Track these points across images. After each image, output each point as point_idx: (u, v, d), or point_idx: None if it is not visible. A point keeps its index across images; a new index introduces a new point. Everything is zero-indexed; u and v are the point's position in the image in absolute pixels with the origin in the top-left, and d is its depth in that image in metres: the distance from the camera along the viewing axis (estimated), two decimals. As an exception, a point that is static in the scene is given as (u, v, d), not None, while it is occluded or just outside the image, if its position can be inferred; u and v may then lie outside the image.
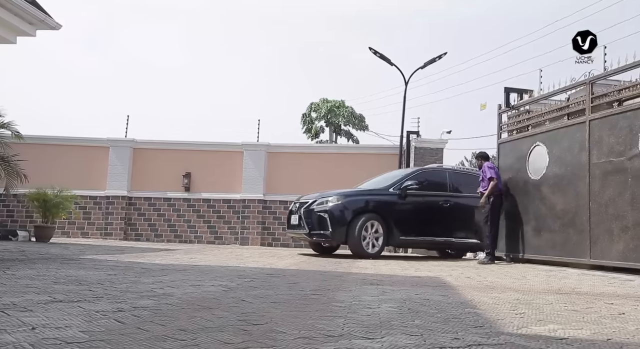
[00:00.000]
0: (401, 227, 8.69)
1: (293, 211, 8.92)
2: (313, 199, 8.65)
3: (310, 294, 3.59)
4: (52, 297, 2.89)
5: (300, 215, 8.59)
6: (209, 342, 1.94)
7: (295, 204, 8.98)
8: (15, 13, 9.03)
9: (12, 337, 1.87)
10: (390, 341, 2.09)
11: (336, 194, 8.63)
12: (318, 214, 8.36)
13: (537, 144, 7.87)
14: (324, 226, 8.29)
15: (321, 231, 8.33)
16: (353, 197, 8.62)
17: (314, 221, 8.38)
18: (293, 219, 8.81)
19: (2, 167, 5.28)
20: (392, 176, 9.60)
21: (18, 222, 12.94)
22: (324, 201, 8.47)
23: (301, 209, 8.60)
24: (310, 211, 8.47)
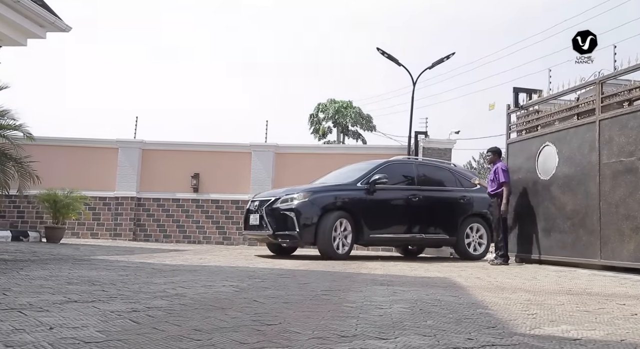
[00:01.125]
0: (370, 225, 8.06)
1: (252, 210, 8.11)
2: (276, 196, 7.89)
3: (322, 295, 3.60)
4: (67, 297, 2.92)
5: (261, 214, 7.80)
6: (225, 342, 1.96)
7: (254, 203, 8.17)
8: (26, 16, 9.11)
9: (30, 337, 1.89)
10: (404, 342, 2.09)
11: (303, 190, 7.88)
12: (283, 213, 7.62)
13: (547, 144, 7.84)
14: (290, 225, 7.55)
15: (287, 232, 7.60)
16: (321, 194, 7.86)
17: (278, 220, 7.65)
18: (252, 219, 7.98)
19: (15, 168, 5.32)
20: (358, 169, 8.82)
21: (28, 223, 13.03)
22: (289, 198, 7.71)
23: (262, 208, 7.83)
24: (273, 209, 7.72)
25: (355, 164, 9.53)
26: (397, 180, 8.59)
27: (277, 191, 8.38)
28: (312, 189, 7.98)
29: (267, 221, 7.70)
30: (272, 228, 7.65)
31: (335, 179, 8.78)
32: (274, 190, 8.66)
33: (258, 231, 7.91)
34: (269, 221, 7.69)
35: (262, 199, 8.04)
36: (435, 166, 9.45)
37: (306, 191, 7.81)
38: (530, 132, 8.41)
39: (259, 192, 8.82)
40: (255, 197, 8.45)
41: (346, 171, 9.12)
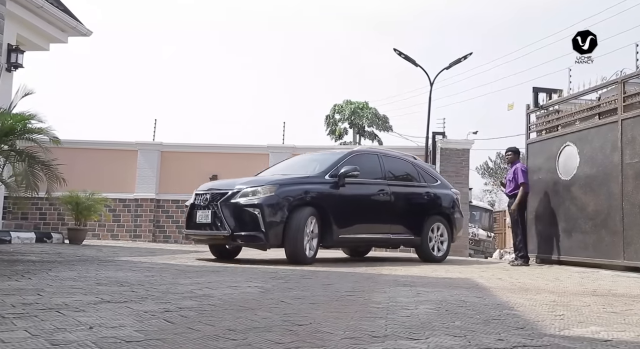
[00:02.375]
0: (340, 223, 6.90)
1: (200, 205, 6.65)
2: (233, 189, 6.49)
3: (347, 296, 3.63)
4: (100, 298, 2.99)
5: (214, 211, 6.41)
6: (260, 342, 2.00)
7: (203, 196, 6.68)
8: (49, 21, 9.31)
9: (73, 336, 1.95)
10: (435, 342, 2.12)
11: (268, 182, 6.58)
12: (245, 209, 6.29)
13: (567, 144, 7.80)
14: (253, 225, 6.23)
15: (250, 232, 6.26)
16: (289, 187, 6.58)
17: (239, 218, 6.30)
18: (201, 216, 6.57)
19: (43, 172, 5.42)
20: (317, 160, 7.74)
21: (50, 225, 13.23)
22: (252, 191, 6.40)
23: (217, 203, 6.42)
24: (232, 205, 6.35)
25: (311, 154, 8.61)
26: (364, 173, 7.36)
27: (231, 181, 6.95)
28: (278, 181, 6.67)
29: (224, 219, 6.30)
30: (230, 228, 6.26)
31: (290, 170, 7.57)
32: (226, 180, 7.30)
33: (209, 230, 6.47)
34: (225, 219, 6.29)
35: (216, 192, 6.57)
36: (399, 158, 8.42)
37: (272, 184, 6.51)
38: (550, 132, 8.36)
39: (207, 183, 7.44)
40: (202, 189, 6.97)
41: (301, 161, 8.14)
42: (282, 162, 8.54)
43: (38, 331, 2.00)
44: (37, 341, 1.85)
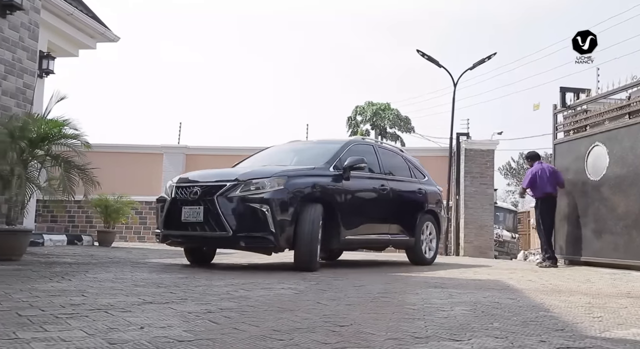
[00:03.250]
0: (346, 223, 6.00)
1: (185, 199, 5.46)
2: (232, 180, 5.40)
3: (380, 297, 3.66)
4: (142, 299, 3.06)
5: (208, 207, 5.31)
6: (307, 342, 2.04)
7: (191, 189, 5.49)
8: (78, 28, 9.51)
9: (127, 336, 2.02)
10: (478, 343, 2.14)
11: (276, 174, 5.51)
12: (251, 205, 5.25)
13: (596, 144, 7.73)
14: (261, 224, 5.22)
15: (257, 233, 5.25)
16: (299, 180, 5.61)
17: (243, 216, 5.26)
18: (188, 214, 5.39)
19: (79, 176, 5.56)
20: (318, 149, 6.84)
21: (79, 228, 13.50)
22: (257, 183, 5.35)
23: (212, 197, 5.31)
24: (233, 200, 5.29)
25: (296, 142, 7.65)
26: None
27: (224, 172, 5.91)
28: (286, 172, 5.62)
29: (223, 217, 5.23)
30: (232, 228, 5.20)
31: (278, 160, 6.64)
32: (213, 171, 6.14)
33: (201, 231, 5.35)
34: (225, 217, 5.23)
35: (208, 185, 5.46)
36: (391, 151, 7.74)
37: (280, 175, 5.48)
38: (578, 132, 8.28)
39: (192, 173, 6.45)
40: (183, 181, 5.79)
41: (289, 150, 7.13)
42: (265, 151, 7.30)
43: (93, 331, 2.07)
44: (95, 340, 1.92)
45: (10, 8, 5.73)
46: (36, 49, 6.30)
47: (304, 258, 5.50)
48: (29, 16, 6.09)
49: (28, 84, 6.11)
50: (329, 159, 6.25)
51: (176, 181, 5.82)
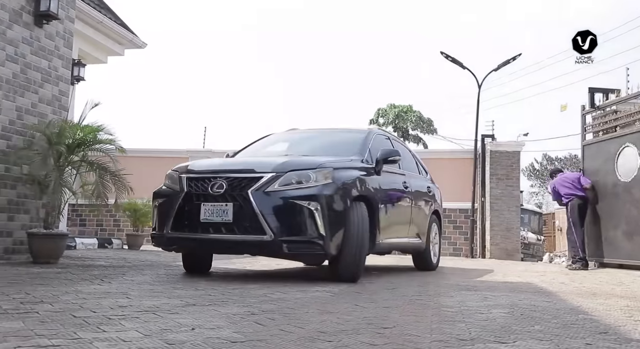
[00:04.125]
0: (383, 224, 5.22)
1: (206, 193, 4.47)
2: (267, 172, 4.47)
3: (416, 300, 3.68)
4: (184, 301, 3.13)
5: (239, 203, 4.34)
6: (355, 343, 2.08)
7: (212, 181, 4.50)
8: (107, 35, 9.70)
9: (182, 336, 2.08)
10: (524, 346, 2.15)
11: (321, 164, 4.63)
12: (296, 203, 4.33)
13: (627, 145, 7.67)
14: (309, 226, 4.31)
15: (304, 237, 4.32)
16: (344, 173, 4.75)
17: (284, 216, 4.33)
18: (211, 212, 4.41)
19: (112, 181, 5.68)
20: (340, 138, 6.00)
21: (107, 231, 13.74)
22: (300, 176, 4.46)
23: (244, 192, 4.35)
24: (272, 195, 4.35)
25: (318, 130, 6.58)
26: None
27: (254, 161, 5.04)
28: (330, 163, 4.75)
29: (261, 216, 4.27)
30: (273, 230, 4.26)
31: (296, 149, 5.74)
32: (239, 160, 5.38)
33: (227, 234, 4.39)
34: (265, 216, 4.27)
35: (237, 176, 4.49)
36: (401, 144, 6.96)
37: (325, 166, 4.62)
38: (607, 133, 8.20)
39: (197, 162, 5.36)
40: (197, 169, 4.81)
41: (300, 139, 6.22)
42: (265, 139, 6.30)
43: (147, 332, 2.14)
44: (152, 340, 1.98)
45: (47, 18, 5.89)
46: (70, 57, 6.45)
47: (351, 268, 4.60)
48: (64, 25, 6.25)
49: (63, 92, 6.27)
50: (358, 149, 5.41)
51: (186, 171, 4.74)
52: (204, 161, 5.68)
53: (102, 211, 5.69)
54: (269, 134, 6.43)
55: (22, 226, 5.74)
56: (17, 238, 5.68)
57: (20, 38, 5.67)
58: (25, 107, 5.75)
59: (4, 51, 5.48)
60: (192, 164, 5.03)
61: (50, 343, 1.86)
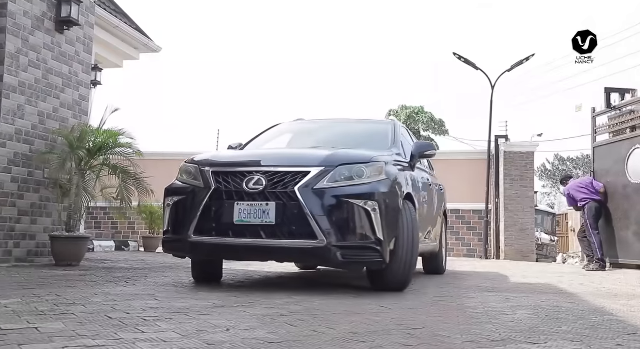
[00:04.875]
0: (421, 224, 4.71)
1: (240, 190, 3.83)
2: (315, 166, 3.88)
3: (438, 301, 3.70)
4: (212, 302, 3.18)
5: (283, 202, 3.74)
6: (389, 344, 2.11)
7: (247, 176, 3.87)
8: (123, 39, 9.81)
9: (219, 337, 2.12)
10: (556, 346, 2.17)
11: (372, 158, 4.08)
12: (351, 202, 3.75)
13: (637, 147, 7.86)
14: (365, 229, 3.75)
15: (360, 242, 3.75)
16: (392, 168, 4.20)
17: (338, 217, 3.74)
18: (246, 212, 3.76)
19: (134, 185, 5.76)
20: (359, 129, 5.56)
21: (122, 234, 13.86)
22: (355, 171, 3.89)
23: (295, 189, 3.75)
24: (322, 192, 3.76)
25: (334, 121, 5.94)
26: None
27: (298, 153, 4.44)
28: (385, 157, 4.25)
29: (312, 217, 3.69)
30: (324, 233, 3.68)
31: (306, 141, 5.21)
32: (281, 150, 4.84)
33: (269, 239, 3.76)
34: (315, 218, 3.69)
35: (280, 170, 3.87)
36: (411, 137, 6.09)
37: (377, 160, 4.09)
38: (618, 135, 8.32)
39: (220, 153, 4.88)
40: (224, 161, 4.33)
41: (316, 129, 5.65)
42: (274, 129, 5.63)
43: (184, 332, 2.19)
44: (192, 341, 2.03)
45: (68, 24, 5.98)
46: (90, 62, 6.55)
47: (401, 277, 4.07)
48: (84, 31, 6.34)
49: (83, 96, 6.36)
50: (389, 142, 4.89)
51: (210, 163, 4.13)
52: (229, 152, 4.93)
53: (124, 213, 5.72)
54: (276, 124, 5.78)
55: (44, 229, 5.83)
56: (39, 241, 5.77)
57: (42, 44, 5.76)
58: (47, 112, 5.84)
59: (26, 57, 5.57)
60: (215, 156, 4.46)
61: (95, 343, 1.91)
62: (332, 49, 74.27)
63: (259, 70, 76.17)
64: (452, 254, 11.33)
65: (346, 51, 72.44)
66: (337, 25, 76.54)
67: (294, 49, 76.40)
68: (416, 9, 72.23)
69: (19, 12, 5.48)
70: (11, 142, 5.43)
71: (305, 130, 5.66)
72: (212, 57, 76.74)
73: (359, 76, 70.01)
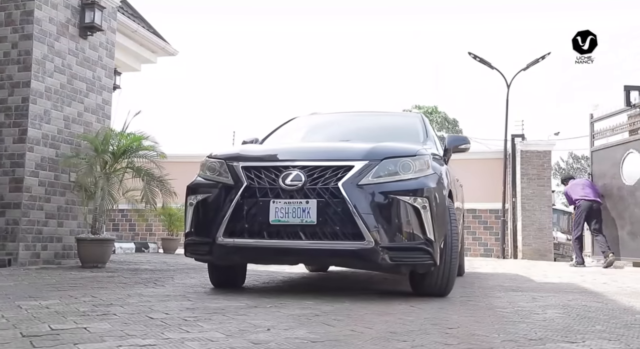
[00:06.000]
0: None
1: (275, 186, 3.54)
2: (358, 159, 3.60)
3: (466, 301, 3.72)
4: (244, 303, 3.23)
5: (325, 200, 3.44)
6: (429, 343, 2.14)
7: (283, 171, 3.57)
8: (141, 43, 9.91)
9: (262, 336, 2.17)
10: (595, 345, 2.19)
11: (418, 151, 3.80)
12: (398, 199, 3.48)
13: (631, 151, 8.57)
14: (415, 229, 3.48)
15: (409, 243, 3.48)
16: (435, 162, 3.91)
17: (386, 215, 3.46)
18: (283, 211, 3.48)
19: (158, 187, 5.84)
20: (384, 122, 5.33)
21: (139, 235, 14.00)
22: (401, 165, 3.62)
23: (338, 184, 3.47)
24: (368, 189, 3.49)
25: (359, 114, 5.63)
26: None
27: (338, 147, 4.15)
28: (425, 150, 3.93)
29: (359, 216, 3.40)
30: (373, 235, 3.40)
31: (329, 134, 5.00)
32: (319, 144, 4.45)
33: (309, 240, 3.46)
34: (362, 216, 3.40)
35: (319, 164, 3.58)
36: None
37: (422, 154, 3.79)
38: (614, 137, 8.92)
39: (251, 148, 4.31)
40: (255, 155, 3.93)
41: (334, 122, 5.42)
42: (290, 123, 5.32)
43: (227, 332, 2.23)
44: (237, 340, 2.08)
45: (92, 29, 6.07)
46: (113, 66, 6.64)
47: (444, 280, 3.77)
48: (106, 36, 6.44)
49: (106, 100, 6.45)
50: (421, 136, 4.62)
51: (239, 157, 3.81)
52: (257, 146, 4.55)
53: (147, 215, 5.79)
54: (293, 118, 5.47)
55: (70, 231, 5.93)
56: (66, 243, 5.87)
57: (66, 50, 5.86)
58: (72, 117, 5.94)
59: (52, 63, 5.67)
60: (243, 150, 4.08)
61: (146, 343, 1.96)
62: (343, 50, 74.30)
63: (270, 71, 76.48)
64: (469, 253, 11.31)
65: (357, 51, 72.46)
66: (349, 25, 76.56)
67: (306, 49, 76.56)
68: (429, 8, 72.07)
69: (45, 18, 5.58)
70: (38, 147, 5.53)
71: (327, 123, 5.42)
72: (225, 58, 77.22)
73: (370, 76, 70.01)
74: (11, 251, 5.34)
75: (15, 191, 5.38)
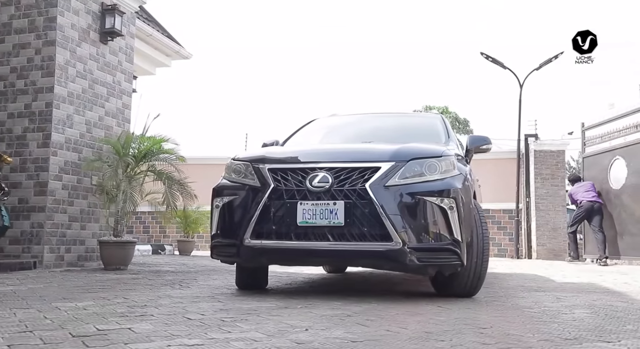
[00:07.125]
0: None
1: (302, 188, 3.56)
2: (385, 160, 3.63)
3: (492, 301, 3.74)
4: (274, 303, 3.28)
5: (352, 201, 3.45)
6: (467, 343, 2.18)
7: (310, 173, 3.59)
8: (156, 47, 10.00)
9: (302, 336, 2.21)
10: (632, 345, 2.21)
11: (443, 152, 3.83)
12: (425, 199, 3.50)
13: (617, 157, 9.13)
14: (442, 230, 3.51)
15: (437, 243, 3.51)
16: (460, 163, 3.97)
17: (413, 216, 3.49)
18: (311, 212, 3.48)
19: (179, 191, 5.91)
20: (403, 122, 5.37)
21: (153, 237, 14.10)
22: (427, 166, 3.64)
23: (365, 186, 3.49)
24: (395, 190, 3.51)
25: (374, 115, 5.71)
26: None
27: (363, 148, 4.17)
28: (449, 150, 3.97)
29: (386, 217, 3.41)
30: (401, 236, 3.41)
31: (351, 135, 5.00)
32: (344, 146, 4.45)
33: (337, 241, 3.47)
34: (390, 217, 3.42)
35: (346, 166, 3.60)
36: None
37: (447, 154, 3.81)
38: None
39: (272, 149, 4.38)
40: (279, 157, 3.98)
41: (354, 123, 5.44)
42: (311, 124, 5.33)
43: (267, 332, 2.28)
44: (280, 340, 2.12)
45: (112, 34, 6.16)
46: (132, 71, 6.72)
47: (471, 281, 3.78)
48: (126, 41, 6.52)
49: (126, 104, 6.53)
50: (443, 137, 4.65)
51: (265, 159, 3.83)
52: (281, 148, 4.58)
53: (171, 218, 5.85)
54: (313, 120, 5.47)
55: (92, 234, 6.01)
56: (89, 246, 5.95)
57: (88, 55, 5.95)
58: (93, 121, 6.02)
59: (74, 68, 5.76)
60: (269, 152, 4.06)
61: (193, 343, 2.01)
62: (354, 50, 74.42)
63: (282, 74, 76.67)
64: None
65: (368, 51, 72.57)
66: (359, 26, 76.68)
67: (317, 51, 76.76)
68: (439, 8, 72.00)
69: (67, 24, 5.67)
70: (61, 151, 5.62)
71: (347, 124, 5.44)
72: (238, 61, 77.64)
73: (381, 76, 70.07)
74: (36, 253, 5.42)
75: (40, 194, 5.47)
